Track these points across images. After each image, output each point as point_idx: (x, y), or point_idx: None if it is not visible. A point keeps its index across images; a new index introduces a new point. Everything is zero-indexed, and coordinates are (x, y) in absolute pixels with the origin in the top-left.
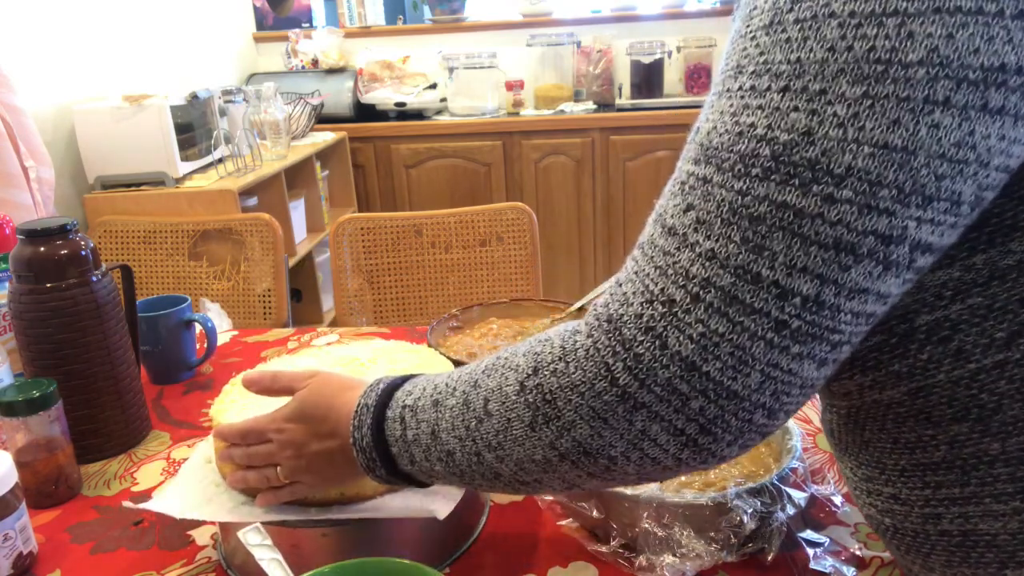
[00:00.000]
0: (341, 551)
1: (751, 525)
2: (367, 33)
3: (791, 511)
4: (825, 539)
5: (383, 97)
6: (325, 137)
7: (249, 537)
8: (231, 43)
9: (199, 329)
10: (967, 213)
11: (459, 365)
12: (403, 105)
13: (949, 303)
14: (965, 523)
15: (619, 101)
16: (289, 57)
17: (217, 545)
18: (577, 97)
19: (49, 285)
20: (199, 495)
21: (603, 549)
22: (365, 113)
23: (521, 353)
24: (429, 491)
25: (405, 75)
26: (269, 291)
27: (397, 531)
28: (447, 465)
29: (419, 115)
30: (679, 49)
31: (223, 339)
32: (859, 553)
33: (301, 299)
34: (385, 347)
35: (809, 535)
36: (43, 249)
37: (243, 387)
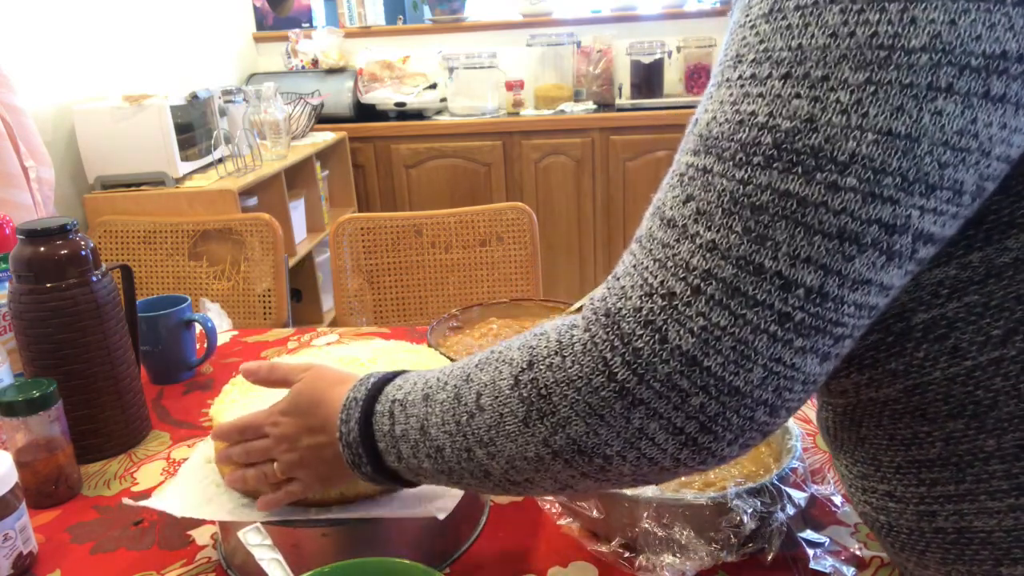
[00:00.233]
0: (341, 551)
1: (751, 525)
2: (367, 33)
3: (791, 511)
4: (825, 539)
5: (383, 97)
6: (325, 137)
7: (249, 537)
8: (231, 43)
9: (199, 329)
10: (968, 203)
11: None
12: (403, 105)
13: (946, 301)
14: (960, 520)
15: (619, 101)
16: (289, 57)
17: (217, 545)
18: (577, 97)
19: (49, 285)
20: (199, 495)
21: (603, 549)
22: (365, 113)
23: (516, 347)
24: (429, 491)
25: (405, 75)
26: (269, 291)
27: (397, 531)
28: (435, 462)
29: (419, 115)
30: (679, 49)
31: (223, 339)
32: (859, 553)
33: (301, 299)
34: (385, 347)
35: (809, 535)
36: (43, 249)
37: (242, 376)
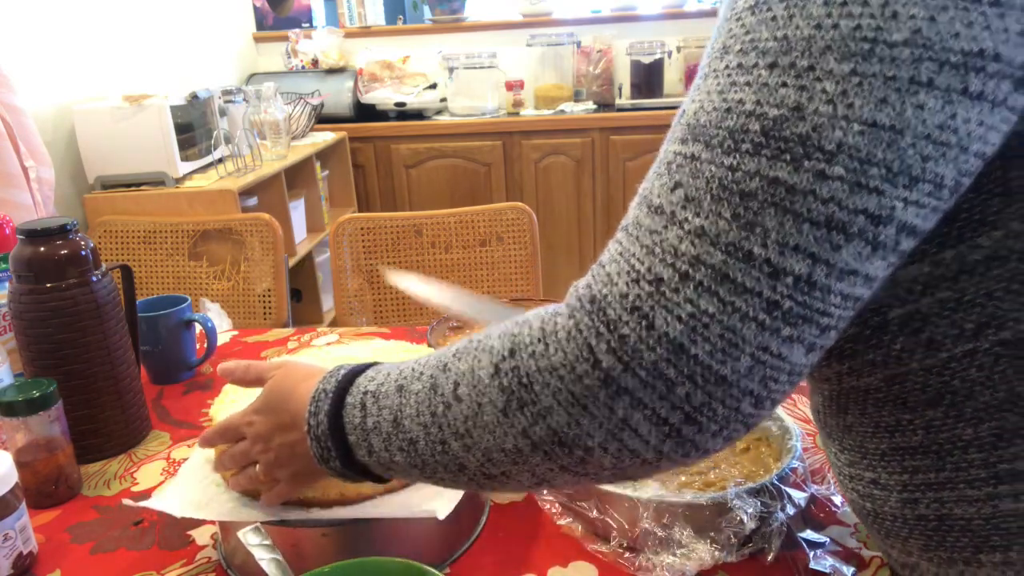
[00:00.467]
0: (341, 551)
1: (751, 525)
2: (367, 33)
3: (791, 511)
4: (825, 539)
5: (383, 97)
6: (325, 137)
7: (249, 537)
8: (231, 43)
9: (199, 329)
10: (947, 197)
11: None
12: (403, 105)
13: (920, 297)
14: (940, 508)
15: (619, 101)
16: (289, 57)
17: (217, 545)
18: (577, 97)
19: (49, 285)
20: (199, 495)
21: (603, 549)
22: (365, 113)
23: (496, 336)
24: (429, 491)
25: (405, 75)
26: (269, 291)
27: (397, 531)
28: (408, 455)
29: (419, 115)
30: (679, 49)
31: (223, 339)
32: (859, 553)
33: (301, 299)
34: (384, 347)
35: (809, 535)
36: (43, 249)
37: (219, 375)
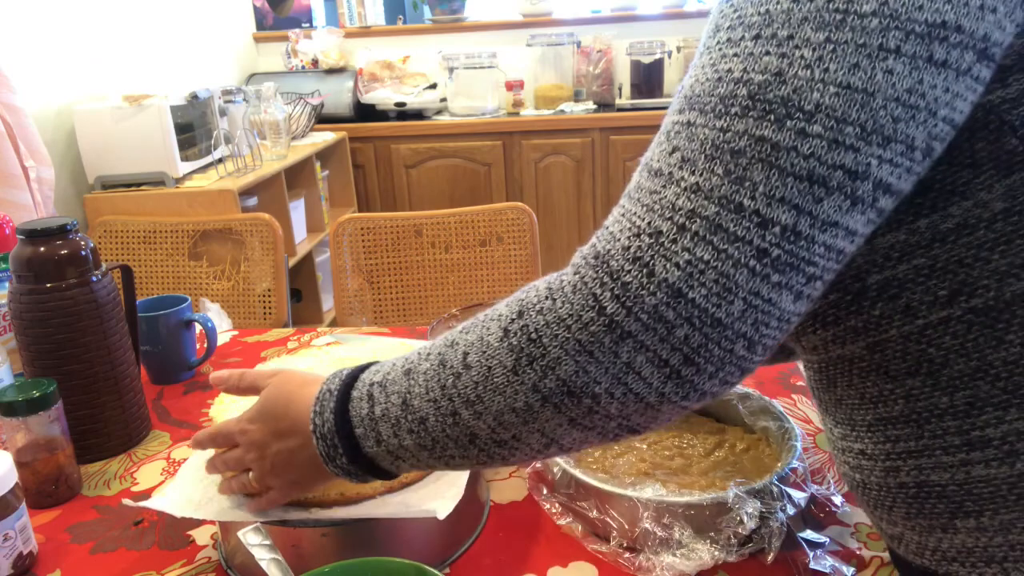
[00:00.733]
0: (341, 551)
1: (751, 525)
2: (367, 33)
3: (791, 511)
4: (825, 539)
5: (383, 97)
6: (325, 137)
7: (249, 537)
8: (231, 43)
9: (199, 329)
10: (920, 160)
11: None
12: (403, 105)
13: (896, 263)
14: (919, 475)
15: (619, 101)
16: (289, 57)
17: (217, 545)
18: (577, 97)
19: (49, 285)
20: (199, 495)
21: (603, 549)
22: (365, 113)
23: (504, 304)
24: (429, 490)
25: (405, 75)
26: (269, 291)
27: (397, 531)
28: (418, 436)
29: (419, 115)
30: (679, 49)
31: (223, 339)
32: (859, 553)
33: (301, 299)
34: (384, 346)
35: (809, 535)
36: (43, 249)
37: (212, 385)
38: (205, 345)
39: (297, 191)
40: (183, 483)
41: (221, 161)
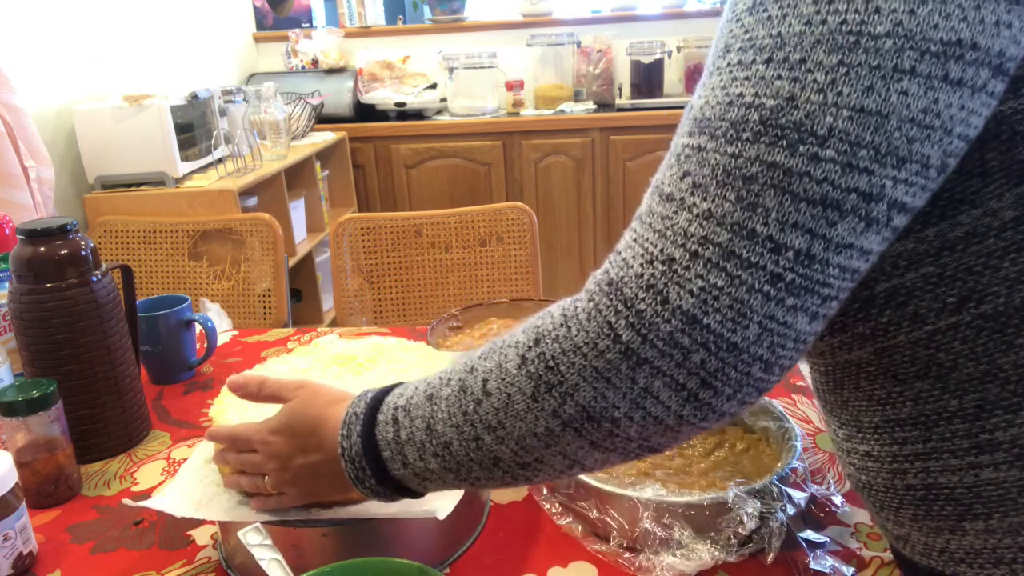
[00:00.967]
0: (341, 551)
1: (751, 525)
2: (367, 33)
3: (791, 511)
4: (825, 539)
5: (383, 97)
6: (325, 137)
7: (249, 537)
8: (231, 43)
9: (199, 329)
10: (935, 177)
11: None
12: (403, 105)
13: (904, 272)
14: (927, 477)
15: (619, 101)
16: (289, 57)
17: (217, 545)
18: (577, 97)
19: (49, 285)
20: (199, 495)
21: (603, 549)
22: (365, 113)
23: (520, 331)
24: None
25: (405, 75)
26: (269, 291)
27: (397, 531)
28: (443, 460)
29: (419, 115)
30: (679, 49)
31: (223, 339)
32: (859, 553)
33: (301, 299)
34: (384, 345)
35: (809, 535)
36: (43, 249)
37: (229, 391)
38: (205, 345)
39: (297, 191)
40: (183, 483)
41: (221, 161)
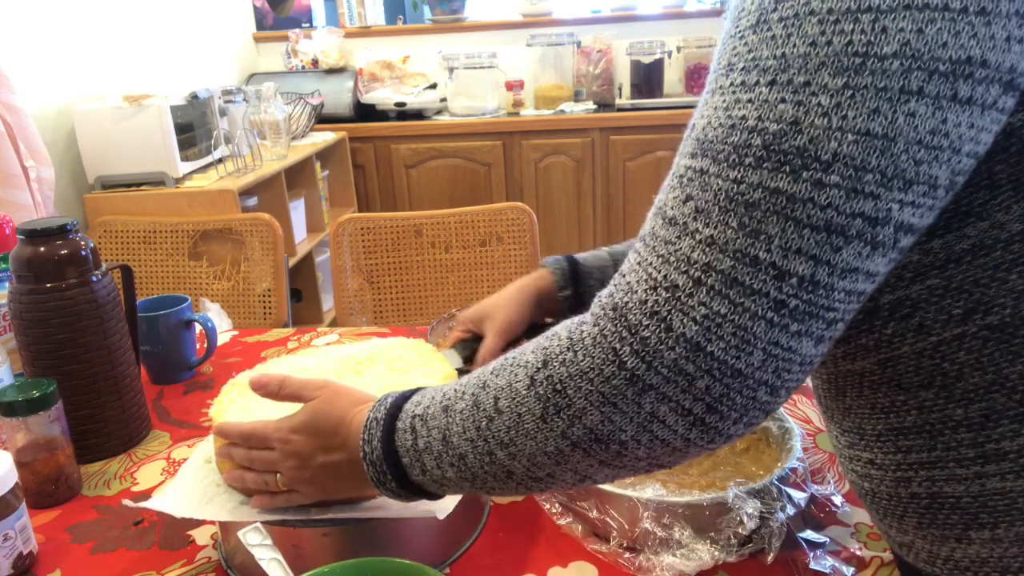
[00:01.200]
0: (341, 551)
1: (751, 525)
2: (367, 33)
3: (791, 511)
4: (825, 539)
5: (383, 97)
6: (325, 137)
7: (249, 537)
8: (231, 43)
9: (199, 329)
10: (943, 196)
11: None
12: (403, 105)
13: (909, 284)
14: (932, 486)
15: (619, 101)
16: (289, 57)
17: (217, 545)
18: (577, 97)
19: (49, 285)
20: (199, 495)
21: (603, 549)
22: (365, 113)
23: (529, 350)
24: None
25: (405, 75)
26: (269, 291)
27: (397, 531)
28: (459, 470)
29: (419, 115)
30: (679, 49)
31: (223, 339)
32: (859, 553)
33: (301, 299)
34: (385, 346)
35: (809, 535)
36: (43, 249)
37: (251, 390)
38: (205, 345)
39: (297, 191)
40: (183, 483)
41: (221, 161)
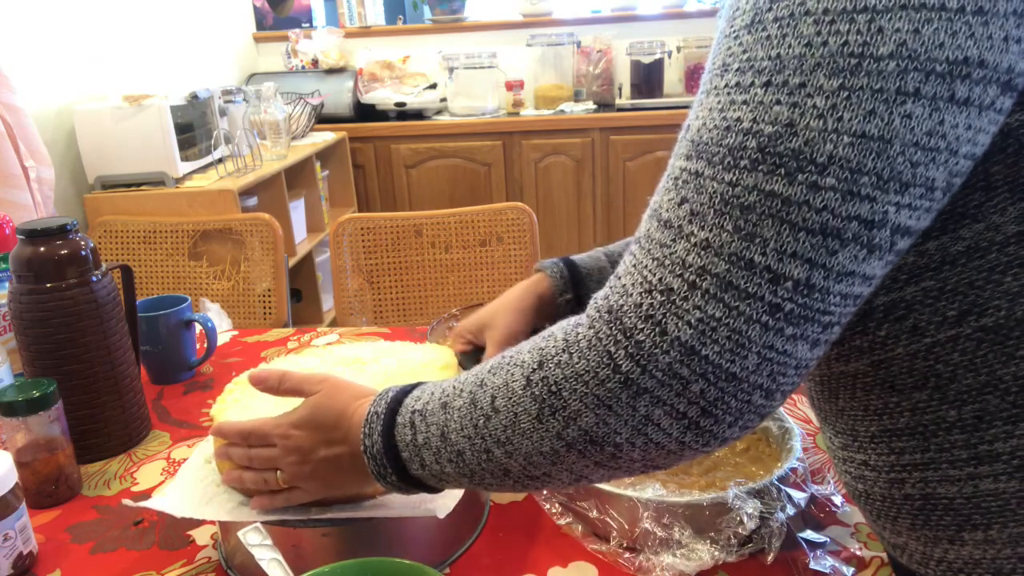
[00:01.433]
0: (341, 551)
1: (751, 525)
2: (367, 33)
3: (791, 511)
4: (825, 539)
5: (383, 97)
6: (325, 137)
7: (249, 537)
8: (231, 43)
9: (199, 329)
10: (940, 198)
11: (461, 361)
12: (403, 105)
13: (904, 286)
14: (925, 487)
15: (619, 101)
16: (289, 57)
17: (217, 545)
18: (577, 97)
19: (49, 285)
20: (199, 495)
21: (603, 549)
22: (365, 113)
23: (526, 350)
24: None
25: (405, 75)
26: (269, 291)
27: (397, 531)
28: (457, 466)
29: (419, 115)
30: (679, 49)
31: (223, 339)
32: (859, 553)
33: (301, 299)
34: (388, 347)
35: (809, 535)
36: (43, 249)
37: (250, 385)
38: (205, 345)
39: (297, 191)
40: (183, 483)
41: (221, 161)
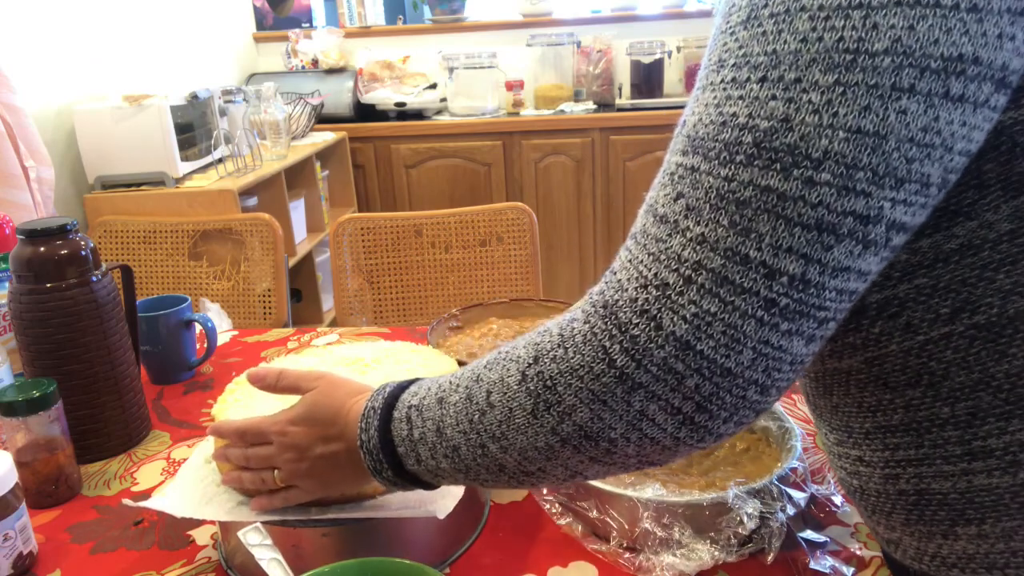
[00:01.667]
0: (341, 551)
1: (751, 525)
2: (367, 33)
3: (791, 511)
4: (825, 539)
5: (383, 97)
6: (325, 137)
7: (249, 537)
8: (231, 43)
9: (199, 329)
10: (935, 194)
11: (463, 364)
12: (403, 105)
13: (897, 283)
14: (920, 483)
15: (619, 101)
16: (289, 57)
17: (217, 545)
18: (577, 97)
19: (49, 285)
20: (199, 495)
21: (603, 549)
22: (365, 113)
23: (522, 345)
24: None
25: (405, 75)
26: (269, 291)
27: (397, 531)
28: (453, 461)
29: (419, 115)
30: (679, 49)
31: (223, 339)
32: (859, 553)
33: (301, 299)
34: (389, 347)
35: (809, 535)
36: (43, 249)
37: (248, 383)
38: (205, 345)
39: (297, 191)
40: (183, 483)
41: (221, 161)
